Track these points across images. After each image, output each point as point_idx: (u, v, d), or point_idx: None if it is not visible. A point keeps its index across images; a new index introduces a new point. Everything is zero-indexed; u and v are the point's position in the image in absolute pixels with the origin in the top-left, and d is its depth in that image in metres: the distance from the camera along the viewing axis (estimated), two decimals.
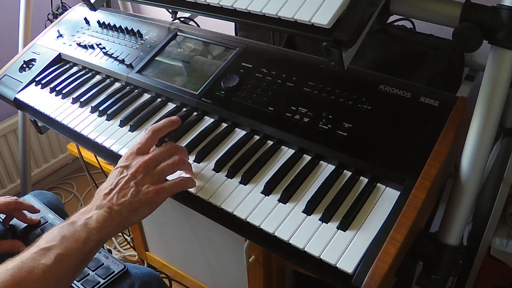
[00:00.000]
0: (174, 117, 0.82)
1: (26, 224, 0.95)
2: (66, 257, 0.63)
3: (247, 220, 0.71)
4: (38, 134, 1.67)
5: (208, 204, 0.75)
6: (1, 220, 0.95)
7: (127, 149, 0.87)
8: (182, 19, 1.24)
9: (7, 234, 0.94)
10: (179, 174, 0.78)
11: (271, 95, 0.87)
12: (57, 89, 1.08)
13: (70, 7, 1.35)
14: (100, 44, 1.14)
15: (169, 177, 0.76)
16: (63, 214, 1.05)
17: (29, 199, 1.01)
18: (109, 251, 1.74)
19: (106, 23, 1.19)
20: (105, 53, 1.11)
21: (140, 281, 0.88)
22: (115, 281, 0.86)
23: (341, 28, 0.64)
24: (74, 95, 1.05)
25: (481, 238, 1.00)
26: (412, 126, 0.75)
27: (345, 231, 0.66)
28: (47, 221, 0.96)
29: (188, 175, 0.77)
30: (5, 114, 1.84)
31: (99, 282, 0.85)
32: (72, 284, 0.85)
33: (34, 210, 0.96)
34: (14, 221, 0.96)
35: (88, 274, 0.86)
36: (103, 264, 0.88)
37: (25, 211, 0.95)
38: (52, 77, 1.13)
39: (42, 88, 1.11)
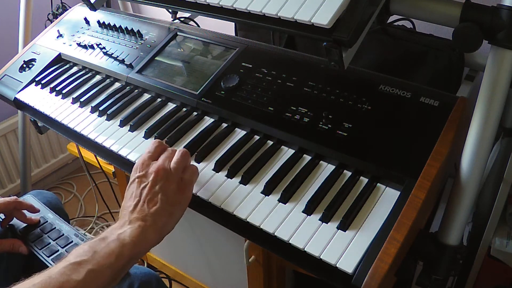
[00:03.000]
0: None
1: (26, 224, 0.95)
2: (97, 273, 0.60)
3: (247, 220, 0.71)
4: (38, 134, 1.67)
5: (208, 204, 0.75)
6: (1, 220, 0.95)
7: (127, 149, 0.87)
8: (182, 19, 1.24)
9: (7, 233, 0.94)
10: None
11: (271, 95, 0.87)
12: (57, 89, 1.08)
13: (70, 7, 1.35)
14: (100, 44, 1.14)
15: None
16: (62, 214, 1.05)
17: (29, 198, 1.01)
18: None
19: (106, 23, 1.19)
20: (105, 53, 1.11)
21: (139, 281, 0.88)
22: None
23: (341, 28, 0.64)
24: (74, 95, 1.05)
25: (481, 238, 1.00)
26: (412, 126, 0.75)
27: (345, 231, 0.66)
28: (47, 221, 0.96)
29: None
30: (5, 114, 1.84)
31: None
32: None
33: (34, 210, 0.96)
34: (14, 220, 0.96)
35: None
36: None
37: (25, 211, 0.95)
38: (52, 77, 1.13)
39: (42, 88, 1.11)
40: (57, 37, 1.24)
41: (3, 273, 0.91)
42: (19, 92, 1.13)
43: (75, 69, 1.16)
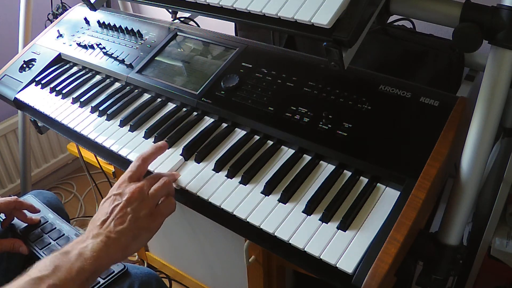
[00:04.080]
0: (160, 143, 0.81)
1: (26, 224, 0.95)
2: None
3: (247, 220, 0.71)
4: (38, 134, 1.67)
5: (208, 204, 0.75)
6: (1, 221, 0.95)
7: (127, 149, 0.88)
8: (182, 19, 1.24)
9: (7, 233, 0.94)
10: None
11: (271, 95, 0.87)
12: (57, 89, 1.08)
13: (70, 7, 1.35)
14: (100, 44, 1.14)
15: None
16: (63, 213, 1.05)
17: (29, 198, 1.01)
18: None
19: (106, 23, 1.19)
20: (105, 53, 1.11)
21: (139, 281, 0.88)
22: (114, 281, 0.86)
23: (341, 28, 0.64)
24: (74, 95, 1.05)
25: (481, 238, 1.00)
26: (412, 126, 0.75)
27: (345, 231, 0.66)
28: (47, 221, 0.96)
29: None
30: (5, 114, 1.84)
31: (99, 282, 0.84)
32: None
33: (34, 210, 0.96)
34: (14, 220, 0.96)
35: None
36: None
37: (25, 211, 0.95)
38: (52, 77, 1.13)
39: (42, 88, 1.11)
40: (57, 37, 1.24)
41: (3, 273, 0.91)
42: (19, 92, 1.13)
43: (75, 69, 1.16)
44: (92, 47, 1.15)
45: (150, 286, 0.89)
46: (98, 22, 1.21)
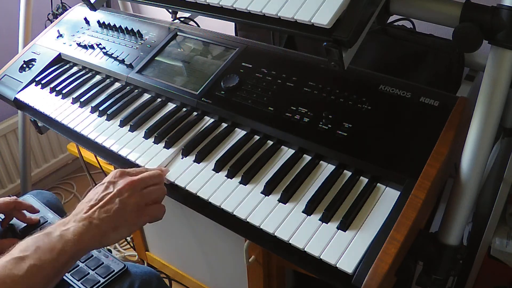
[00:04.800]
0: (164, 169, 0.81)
1: (26, 224, 0.95)
2: (39, 268, 0.61)
3: (247, 220, 0.71)
4: (38, 134, 1.67)
5: (208, 204, 0.75)
6: (0, 220, 0.95)
7: (127, 149, 0.87)
8: (182, 19, 1.24)
9: (7, 233, 0.94)
10: None
11: (271, 95, 0.87)
12: (57, 89, 1.08)
13: (70, 7, 1.35)
14: (100, 44, 1.14)
15: None
16: (62, 213, 1.04)
17: (29, 198, 1.01)
18: (109, 250, 1.73)
19: (106, 23, 1.19)
20: (105, 53, 1.11)
21: (140, 280, 0.88)
22: (115, 280, 0.86)
23: (341, 28, 0.64)
24: (74, 95, 1.05)
25: (481, 238, 1.00)
26: (412, 126, 0.75)
27: (345, 231, 0.66)
28: (47, 221, 0.96)
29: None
30: (5, 114, 1.84)
31: (99, 281, 0.84)
32: (72, 283, 0.85)
33: (33, 210, 0.96)
34: (14, 220, 0.96)
35: (88, 273, 0.86)
36: (103, 263, 0.88)
37: (24, 211, 0.95)
38: (52, 77, 1.13)
39: (42, 88, 1.11)
40: (57, 37, 1.24)
41: None
42: (19, 92, 1.13)
43: (75, 69, 1.16)
44: (92, 47, 1.15)
45: (150, 285, 0.89)
46: (98, 22, 1.21)
